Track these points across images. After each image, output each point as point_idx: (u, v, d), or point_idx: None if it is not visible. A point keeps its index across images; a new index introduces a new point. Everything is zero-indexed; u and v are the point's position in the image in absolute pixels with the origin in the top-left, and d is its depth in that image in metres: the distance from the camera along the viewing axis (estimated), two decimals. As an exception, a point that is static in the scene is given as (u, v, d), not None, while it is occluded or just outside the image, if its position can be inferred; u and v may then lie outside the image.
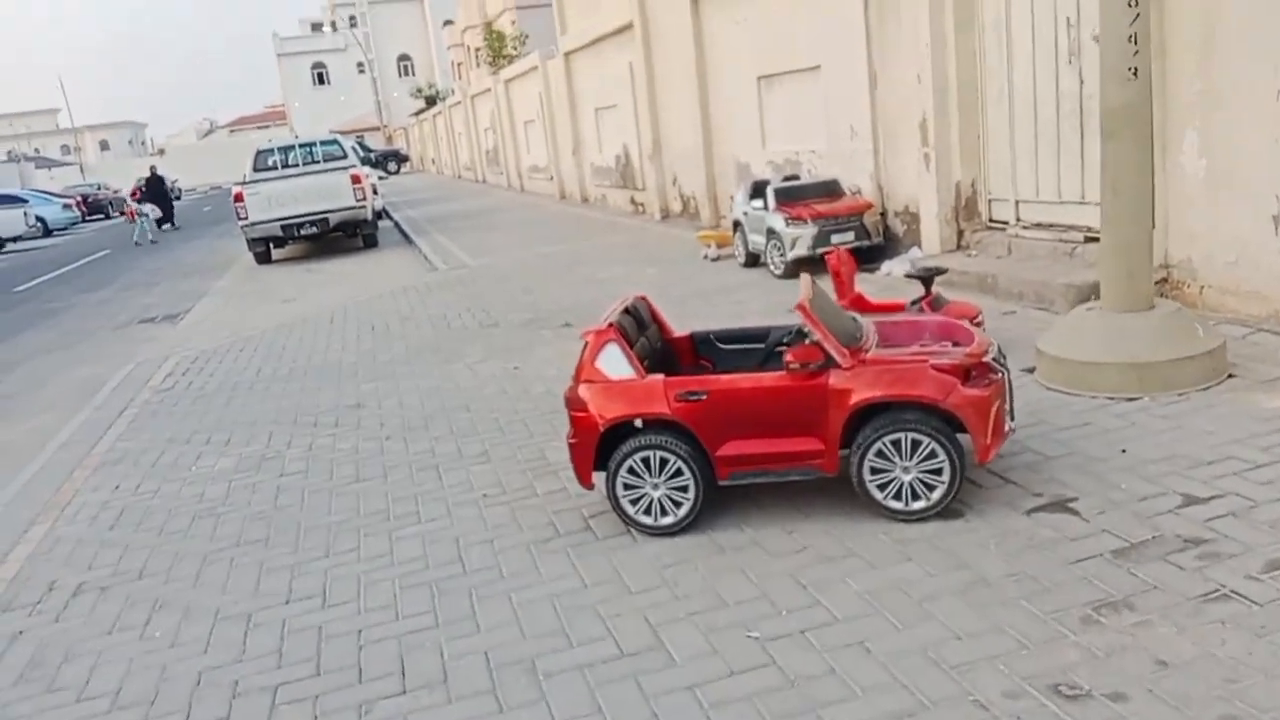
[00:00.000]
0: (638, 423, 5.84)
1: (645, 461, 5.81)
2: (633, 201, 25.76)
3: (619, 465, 5.83)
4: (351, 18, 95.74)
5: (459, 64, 74.94)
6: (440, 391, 10.09)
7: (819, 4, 14.53)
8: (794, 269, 13.44)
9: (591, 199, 30.09)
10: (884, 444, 5.53)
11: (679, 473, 5.79)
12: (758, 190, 14.51)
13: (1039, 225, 11.32)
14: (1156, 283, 9.17)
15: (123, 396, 11.78)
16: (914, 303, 8.81)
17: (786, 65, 15.92)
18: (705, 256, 16.26)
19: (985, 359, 5.68)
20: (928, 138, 12.24)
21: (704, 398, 5.72)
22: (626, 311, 6.48)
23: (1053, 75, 10.71)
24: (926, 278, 8.78)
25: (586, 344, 5.96)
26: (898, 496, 5.62)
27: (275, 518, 7.20)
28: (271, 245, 24.03)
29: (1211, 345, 7.16)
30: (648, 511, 5.89)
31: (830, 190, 13.94)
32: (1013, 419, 5.77)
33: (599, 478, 6.06)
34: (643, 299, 6.85)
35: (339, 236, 24.62)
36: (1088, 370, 7.25)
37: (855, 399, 5.52)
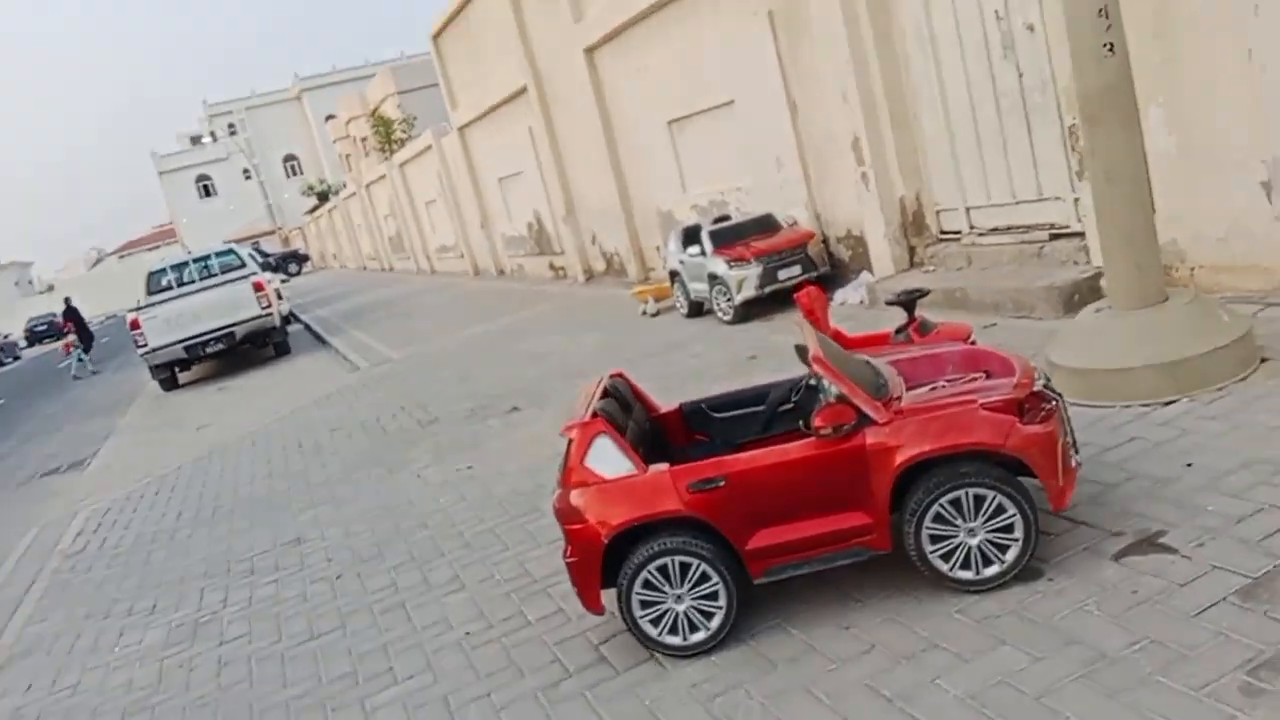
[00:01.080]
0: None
1: (663, 571, 4.84)
2: (552, 267, 24.93)
3: (632, 580, 4.85)
4: (230, 125, 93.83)
5: (347, 155, 73.72)
6: (390, 510, 8.97)
7: (722, 39, 13.98)
8: (744, 312, 12.71)
9: (508, 270, 29.20)
10: (942, 506, 4.66)
11: (704, 578, 4.84)
12: (691, 236, 13.78)
13: (996, 230, 10.75)
14: (1140, 271, 8.59)
15: (28, 569, 10.36)
16: (899, 331, 8.02)
17: (697, 105, 15.33)
18: (644, 313, 15.43)
19: (1035, 388, 4.87)
20: (863, 156, 11.64)
21: (722, 484, 4.79)
22: (606, 394, 5.54)
23: (987, 73, 10.20)
24: (908, 302, 8.02)
25: (571, 441, 5.00)
26: (966, 564, 4.74)
27: (221, 703, 6.01)
28: (177, 369, 22.52)
29: (1240, 330, 6.51)
30: (673, 630, 4.91)
31: (767, 225, 13.27)
32: (1077, 451, 4.96)
33: (608, 597, 5.06)
34: (619, 376, 5.93)
35: (248, 349, 23.22)
36: (1114, 378, 6.53)
37: (901, 457, 4.65)
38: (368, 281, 44.75)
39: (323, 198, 73.53)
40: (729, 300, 12.71)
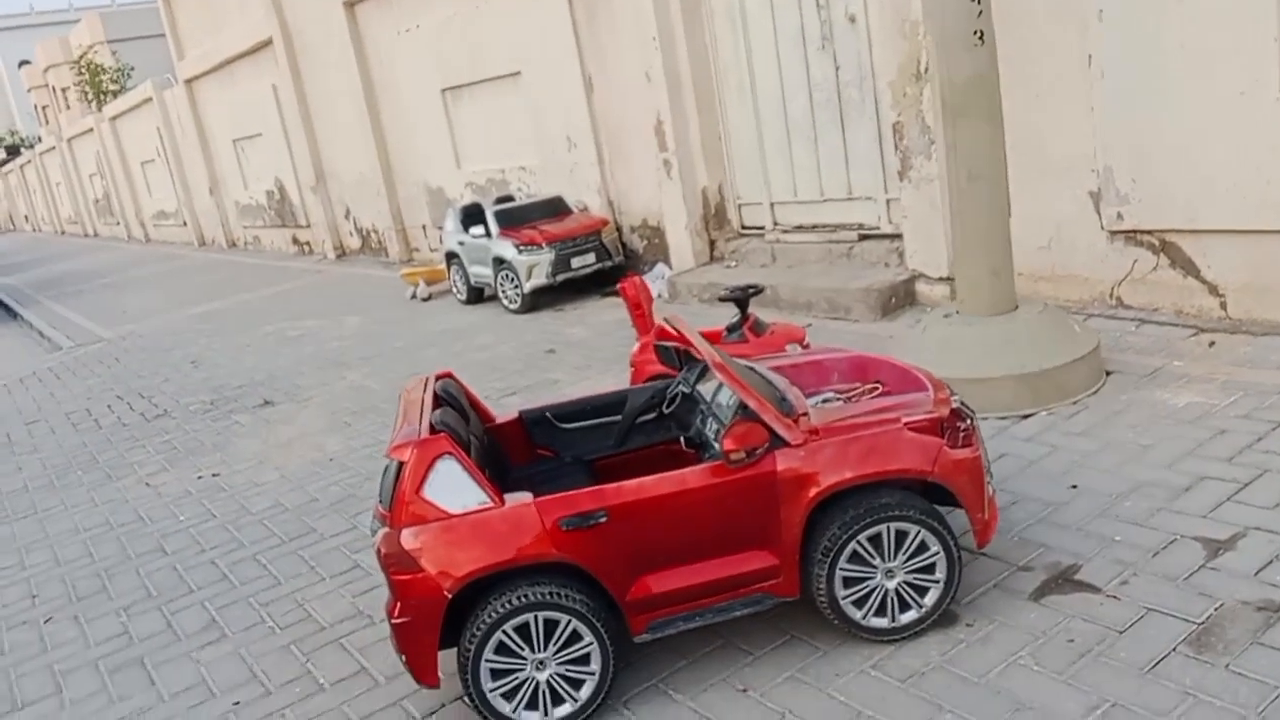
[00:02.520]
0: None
1: (522, 631, 3.79)
2: (295, 241, 22.68)
3: (482, 644, 3.76)
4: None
5: (44, 107, 65.14)
6: (113, 528, 7.23)
7: (512, 3, 12.84)
8: (531, 301, 11.69)
9: (240, 242, 26.43)
10: (860, 543, 3.93)
11: (575, 637, 3.84)
12: (471, 216, 12.57)
13: (801, 228, 10.37)
14: (952, 276, 8.42)
15: None
16: (732, 329, 7.34)
17: (477, 74, 14.07)
18: (414, 296, 14.02)
19: (954, 404, 4.25)
20: (665, 141, 10.94)
21: (603, 520, 3.80)
22: (440, 401, 4.39)
23: (802, 63, 9.77)
24: (742, 299, 7.35)
25: (402, 465, 3.82)
26: (881, 610, 4.03)
27: None
28: None
29: (1092, 343, 6.31)
30: (532, 704, 3.87)
31: (556, 209, 12.30)
32: (991, 476, 4.38)
33: (445, 660, 3.93)
34: (449, 377, 4.78)
35: (-86, 320, 19.46)
36: (971, 388, 6.05)
37: (818, 486, 3.87)
38: (68, 247, 39.54)
39: (12, 151, 64.67)
40: (516, 288, 11.64)
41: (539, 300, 11.77)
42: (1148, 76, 6.89)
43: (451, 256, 12.89)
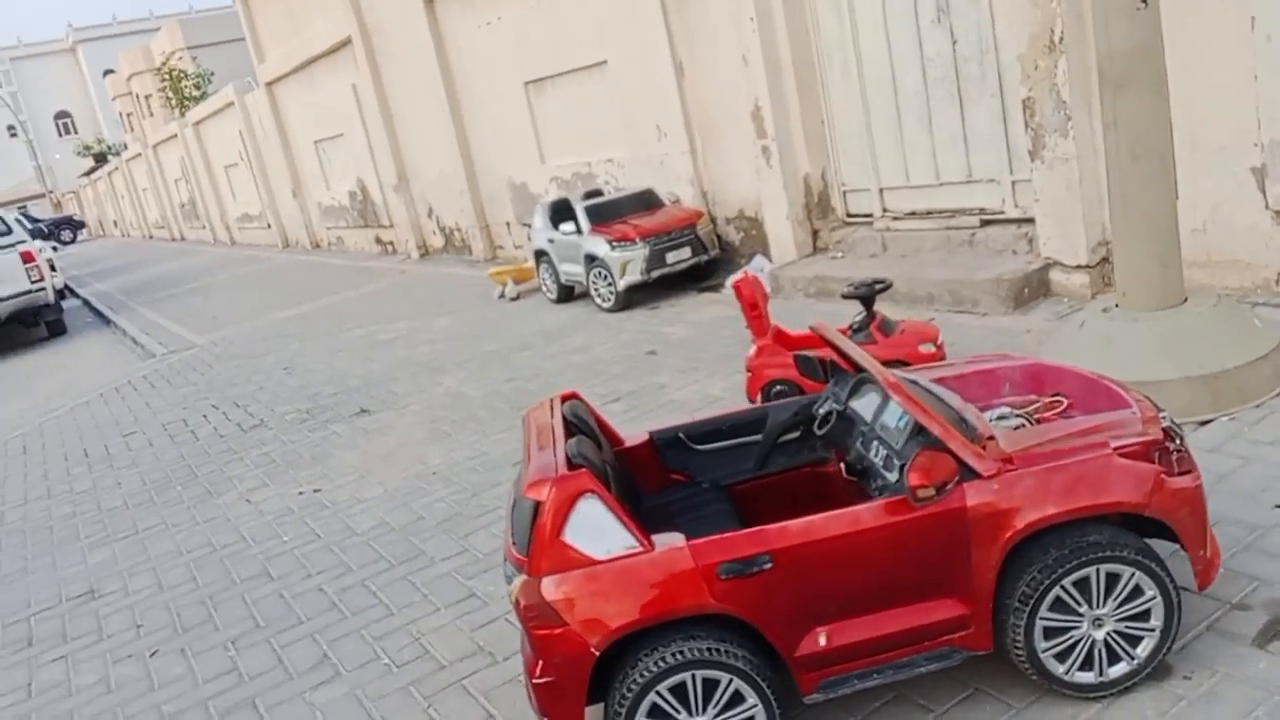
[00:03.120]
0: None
1: (679, 691, 3.35)
2: (379, 241, 22.65)
3: (633, 708, 3.33)
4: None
5: (129, 114, 66.94)
6: (216, 550, 7.00)
7: (595, -11, 12.42)
8: (625, 299, 11.26)
9: (324, 243, 26.56)
10: (1064, 588, 3.40)
11: (737, 699, 3.39)
12: (560, 212, 12.19)
13: (915, 214, 9.75)
14: (1096, 264, 7.76)
15: None
16: (858, 329, 6.82)
17: (561, 65, 13.69)
18: (502, 296, 13.72)
19: (1164, 423, 3.68)
20: (765, 127, 10.40)
21: (768, 566, 3.34)
22: (571, 428, 3.97)
23: (914, 39, 9.14)
24: (868, 295, 6.82)
25: (539, 505, 3.40)
26: (1087, 664, 3.50)
27: None
28: (-76, 353, 18.91)
29: (1274, 338, 5.62)
30: (690, 770, 3.43)
31: (647, 202, 11.86)
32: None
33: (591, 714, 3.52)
34: (575, 398, 4.35)
35: (16, 328, 19.84)
36: (1143, 392, 5.48)
37: (1017, 524, 3.35)
38: (155, 252, 40.39)
39: (100, 159, 66.56)
40: (610, 285, 11.23)
41: (633, 298, 11.34)
42: (1325, 37, 6.16)
43: (540, 254, 12.54)
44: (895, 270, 9.22)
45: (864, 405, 4.10)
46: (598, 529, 3.36)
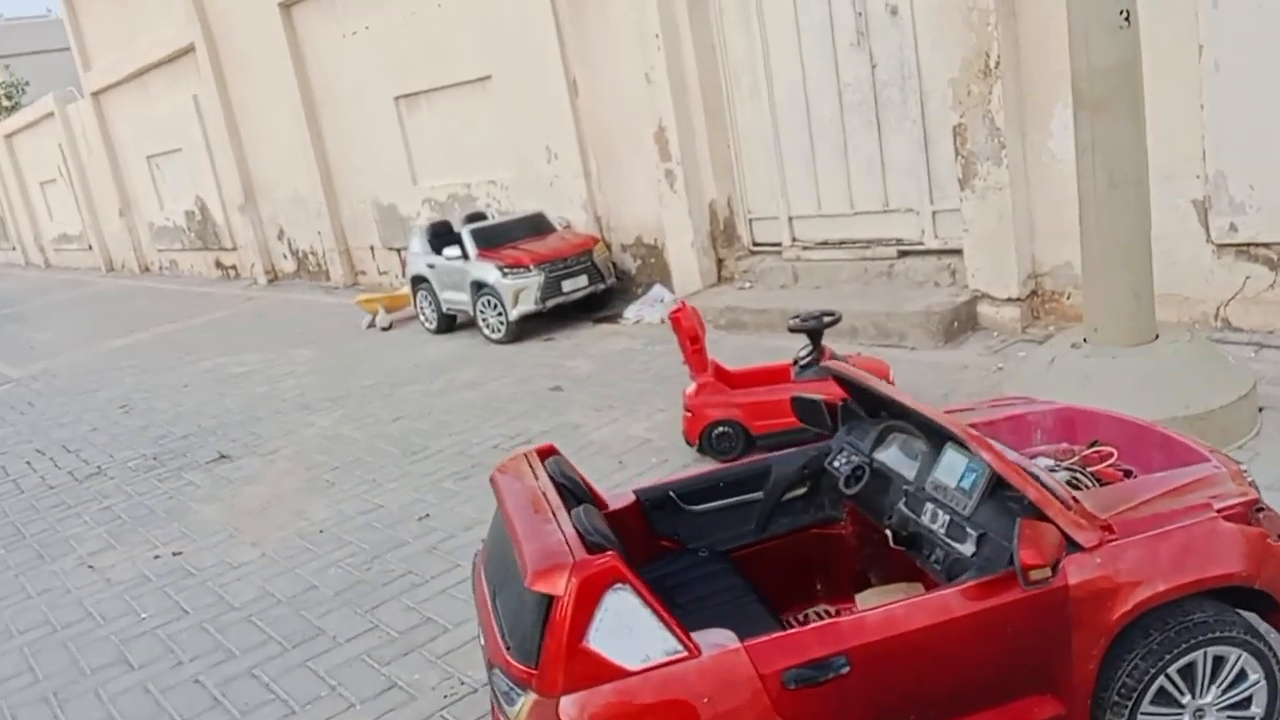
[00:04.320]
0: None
1: (734, 834, 2.63)
2: (219, 265, 20.94)
3: None
4: None
5: (-76, 123, 61.12)
6: (58, 630, 5.78)
7: (480, 0, 11.63)
8: (516, 330, 10.45)
9: (155, 267, 24.47)
10: (1168, 677, 2.87)
11: (805, 836, 2.69)
12: (440, 235, 11.30)
13: (827, 244, 9.39)
14: (1026, 297, 7.53)
15: None
16: (805, 366, 6.29)
17: (439, 79, 12.81)
18: (372, 325, 12.63)
19: (1249, 479, 3.24)
20: (669, 150, 9.85)
21: (844, 671, 2.67)
22: (560, 488, 3.21)
23: (830, 62, 8.80)
24: (816, 329, 6.29)
25: (552, 600, 2.62)
26: (1187, 764, 2.99)
27: None
28: None
29: (1248, 377, 5.41)
30: None
31: (538, 227, 11.10)
32: None
33: None
34: (554, 453, 3.59)
35: None
36: (1125, 434, 5.14)
37: (1125, 605, 2.82)
38: (-44, 274, 36.52)
39: (-111, 170, 60.21)
40: (500, 315, 10.39)
41: (524, 328, 10.54)
42: (1269, 70, 6.07)
43: (419, 281, 11.57)
44: (810, 301, 8.78)
45: (897, 458, 3.51)
46: (631, 630, 2.62)
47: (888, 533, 3.34)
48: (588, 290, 10.55)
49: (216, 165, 19.06)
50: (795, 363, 6.41)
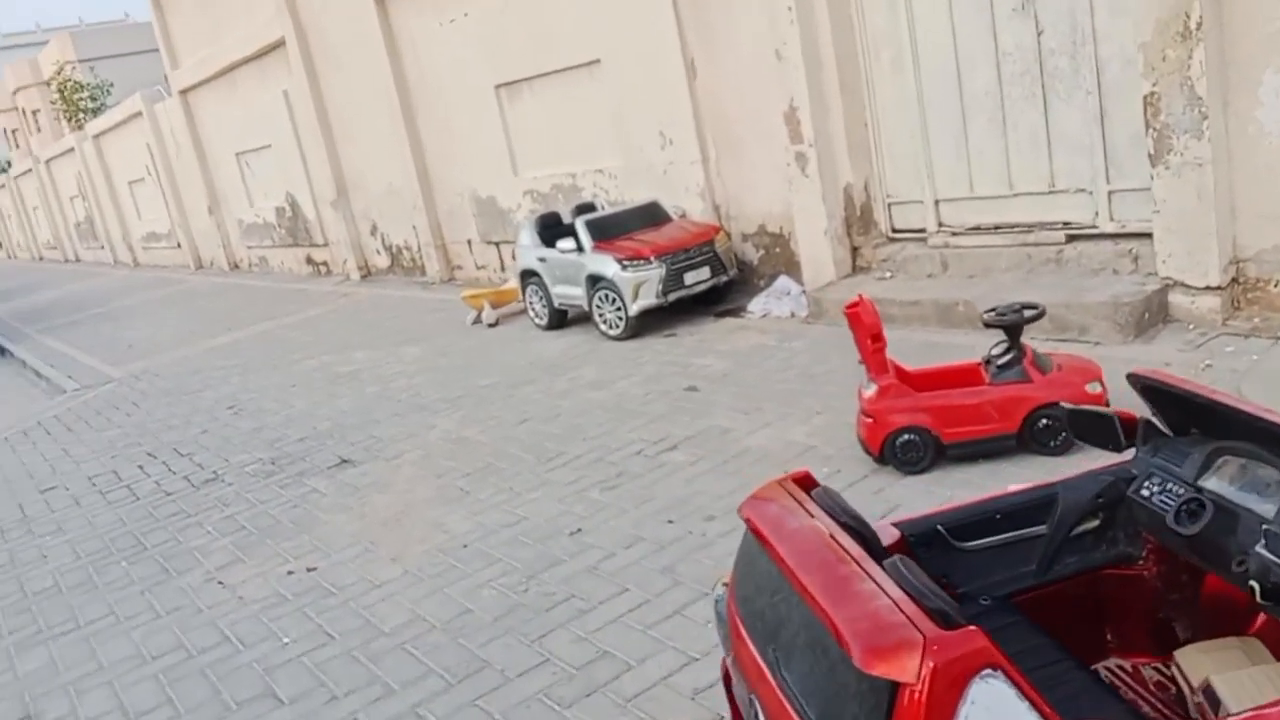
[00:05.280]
0: None
1: None
2: (310, 261, 20.80)
3: None
4: None
5: (14, 130, 62.81)
6: (193, 656, 5.39)
7: (588, -22, 11.11)
8: (635, 326, 9.90)
9: (244, 264, 24.50)
10: None
11: None
12: (550, 227, 10.80)
13: (980, 229, 8.66)
14: (1224, 286, 6.73)
15: None
16: (1005, 366, 5.62)
17: (542, 65, 12.31)
18: (478, 322, 12.21)
19: None
20: (801, 131, 9.20)
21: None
22: (846, 530, 2.62)
23: (987, 29, 8.07)
24: (1015, 324, 5.63)
25: (897, 689, 2.03)
26: None
27: None
28: None
29: None
30: None
31: (654, 217, 10.54)
32: None
33: None
34: (811, 481, 3.00)
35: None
36: None
37: None
38: (49, 274, 37.33)
39: (-19, 176, 62.11)
40: (619, 311, 9.86)
41: (643, 324, 10.00)
42: None
43: (528, 275, 11.09)
44: (966, 292, 8.11)
45: (1239, 489, 2.85)
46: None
47: (1253, 585, 2.68)
48: (710, 282, 9.96)
49: (308, 161, 18.87)
50: (987, 362, 5.76)
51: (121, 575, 6.72)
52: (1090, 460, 5.44)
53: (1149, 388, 3.10)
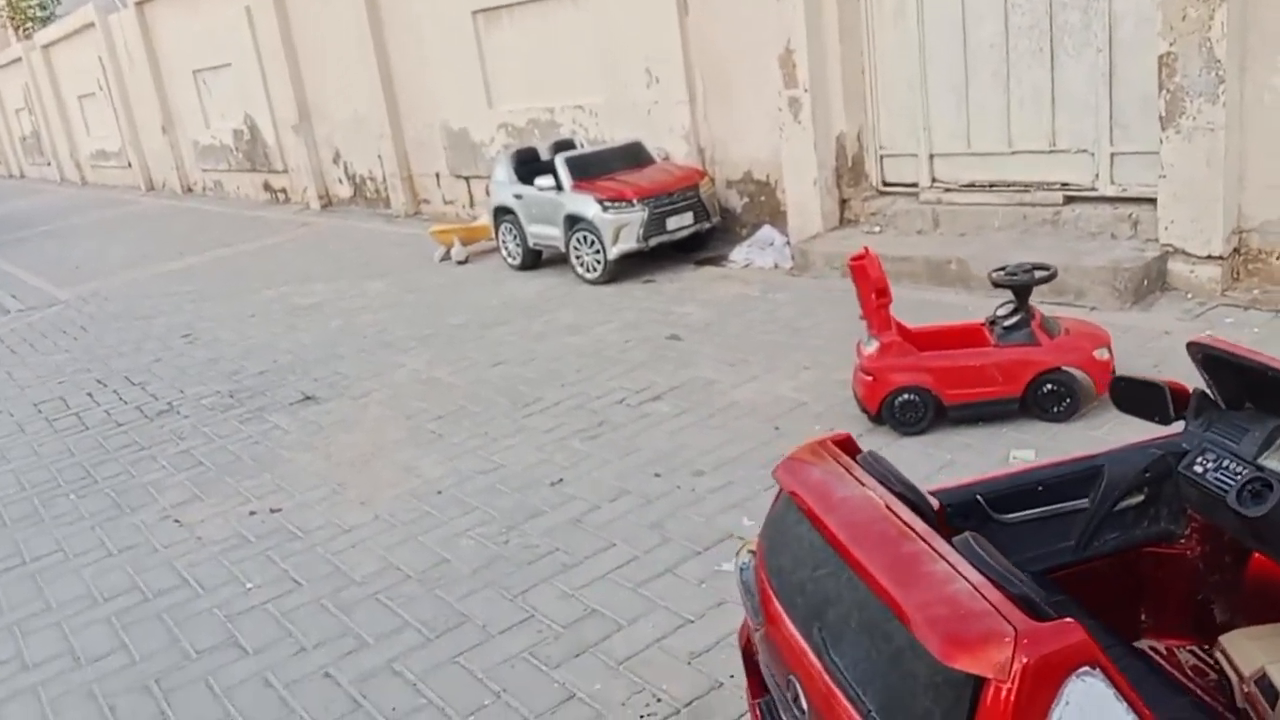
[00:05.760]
0: None
1: None
2: (268, 187, 20.09)
3: None
4: None
5: (-45, 34, 60.02)
6: (150, 599, 5.07)
7: (578, -98, 10.59)
8: (614, 270, 9.59)
9: (198, 187, 23.64)
10: None
11: None
12: (526, 163, 10.40)
13: (974, 186, 8.45)
14: (1225, 256, 6.59)
15: None
16: (1011, 327, 5.42)
17: (524, -9, 11.80)
18: (446, 258, 11.80)
19: None
20: (796, 75, 8.87)
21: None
22: (909, 505, 2.39)
23: (998, -21, 7.78)
24: (1024, 284, 5.42)
25: (982, 684, 1.81)
26: None
27: None
28: None
29: None
30: None
31: (636, 157, 10.18)
32: None
33: None
34: (853, 445, 2.76)
35: None
36: None
37: None
38: (-10, 189, 35.85)
39: (-80, 80, 59.34)
40: (597, 253, 9.54)
41: (621, 268, 9.68)
42: None
43: (502, 212, 10.70)
44: (960, 249, 7.92)
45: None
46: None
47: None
48: (693, 229, 9.67)
49: (269, 82, 18.10)
50: (992, 323, 5.56)
51: (70, 509, 6.36)
52: (1091, 428, 5.37)
53: (1211, 357, 2.89)
